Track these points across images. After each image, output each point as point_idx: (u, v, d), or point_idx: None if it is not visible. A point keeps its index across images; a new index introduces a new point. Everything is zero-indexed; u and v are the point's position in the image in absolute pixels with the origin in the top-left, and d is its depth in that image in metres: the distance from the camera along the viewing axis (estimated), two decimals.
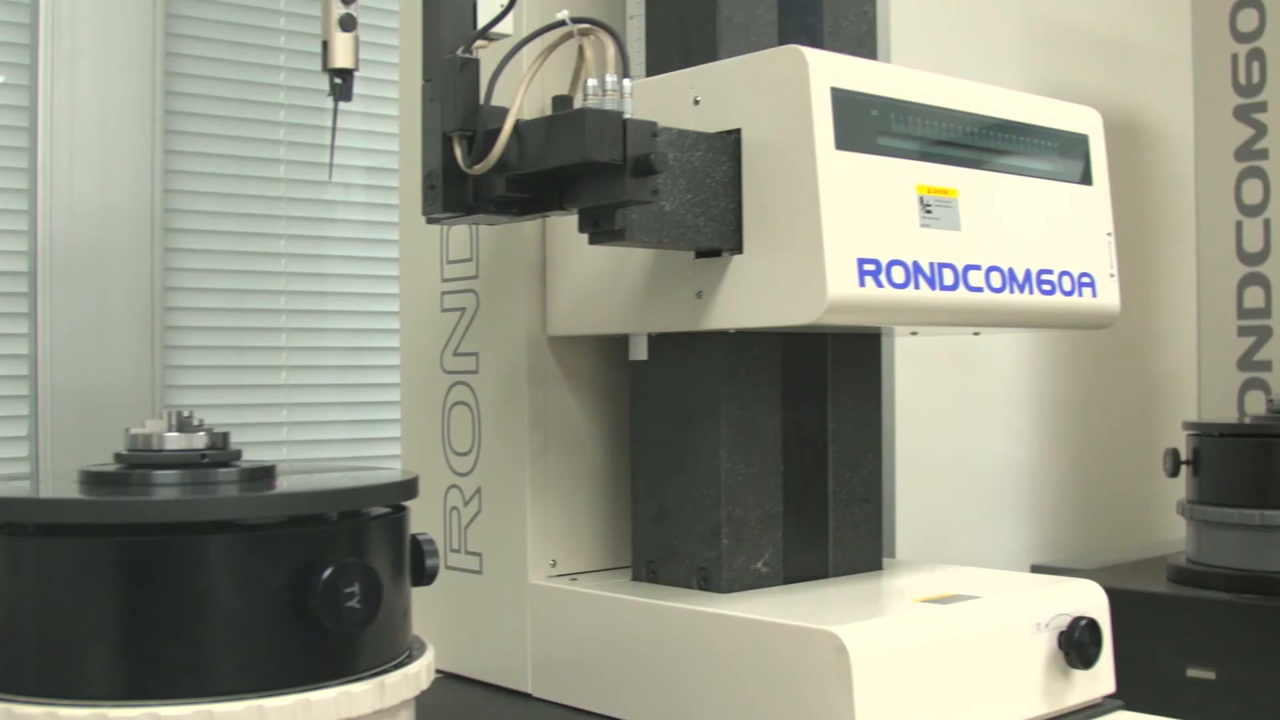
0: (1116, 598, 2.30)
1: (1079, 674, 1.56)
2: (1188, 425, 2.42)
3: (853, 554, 1.69)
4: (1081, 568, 2.58)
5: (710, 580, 1.57)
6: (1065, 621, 1.54)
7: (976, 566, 1.96)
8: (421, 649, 1.30)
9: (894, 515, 2.72)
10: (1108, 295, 1.65)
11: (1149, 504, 3.17)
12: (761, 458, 1.58)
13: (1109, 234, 1.66)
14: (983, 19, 3.03)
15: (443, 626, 1.77)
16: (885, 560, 1.75)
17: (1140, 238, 3.43)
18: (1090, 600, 1.60)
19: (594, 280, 1.61)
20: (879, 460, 1.71)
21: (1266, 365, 2.82)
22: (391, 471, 1.38)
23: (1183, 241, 3.22)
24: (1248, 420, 2.43)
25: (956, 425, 2.93)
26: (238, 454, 1.29)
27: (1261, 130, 2.87)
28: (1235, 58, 2.92)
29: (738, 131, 1.45)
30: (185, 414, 1.27)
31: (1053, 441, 3.16)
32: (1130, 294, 3.36)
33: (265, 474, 1.29)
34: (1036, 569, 2.70)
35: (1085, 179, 1.66)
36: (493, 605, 1.73)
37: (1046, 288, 1.56)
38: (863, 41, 1.71)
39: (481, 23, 1.42)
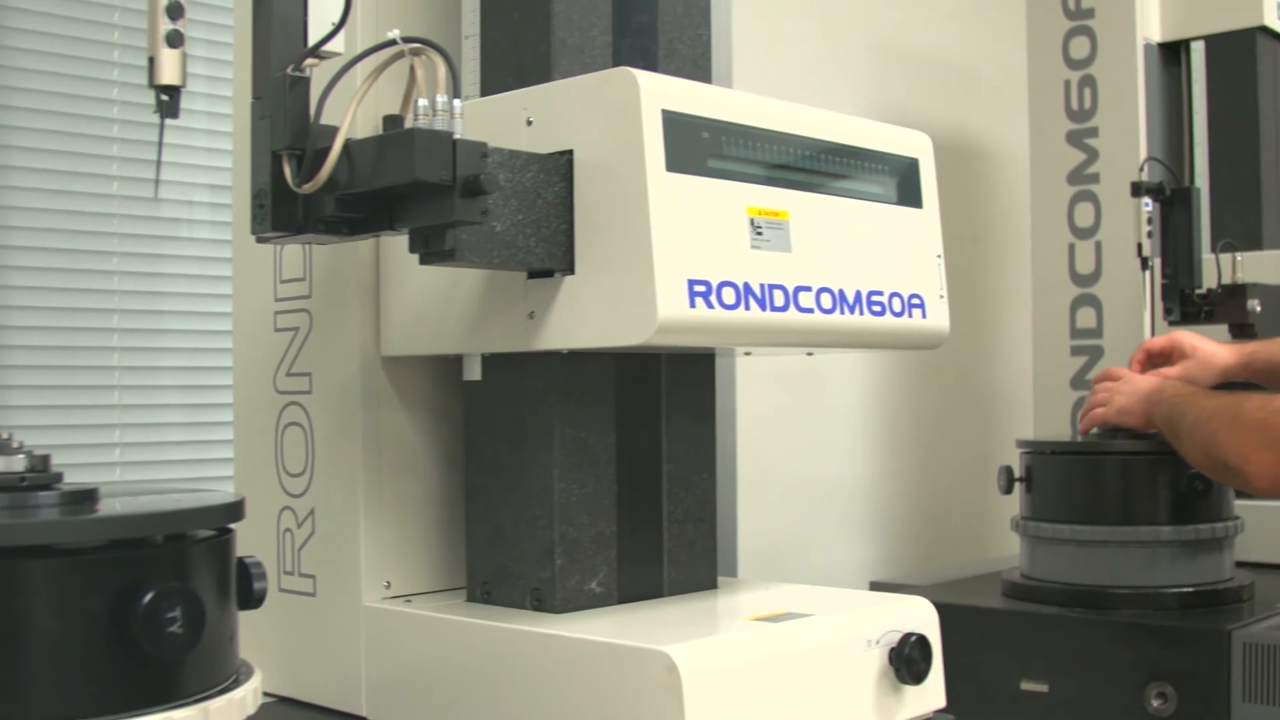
0: (952, 613, 2.34)
1: (910, 689, 1.58)
2: (1021, 443, 2.46)
3: (687, 573, 1.69)
4: (919, 584, 2.61)
5: (544, 601, 1.57)
6: (896, 638, 1.56)
7: (817, 584, 1.98)
8: (249, 673, 1.27)
9: (735, 534, 2.74)
10: (937, 316, 1.67)
11: (986, 520, 3.22)
12: (595, 478, 1.59)
13: (939, 256, 1.69)
14: (825, 45, 3.06)
15: (277, 650, 1.75)
16: (721, 579, 1.76)
17: (978, 259, 3.49)
18: (921, 617, 1.62)
19: (427, 300, 1.60)
20: (713, 479, 1.72)
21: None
22: (218, 493, 1.36)
23: (1019, 263, 3.28)
24: (1079, 438, 2.48)
25: (798, 444, 2.95)
26: (59, 476, 1.26)
27: (1093, 155, 2.94)
28: (1068, 84, 2.98)
29: (570, 152, 1.45)
30: (4, 436, 1.24)
31: (892, 459, 3.20)
32: (968, 314, 3.43)
33: (87, 497, 1.26)
34: (875, 586, 2.72)
35: (915, 202, 1.68)
36: (327, 628, 1.71)
37: (877, 309, 1.58)
38: (698, 64, 1.72)
39: (312, 40, 1.41)
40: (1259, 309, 2.54)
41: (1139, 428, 2.26)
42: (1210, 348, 2.37)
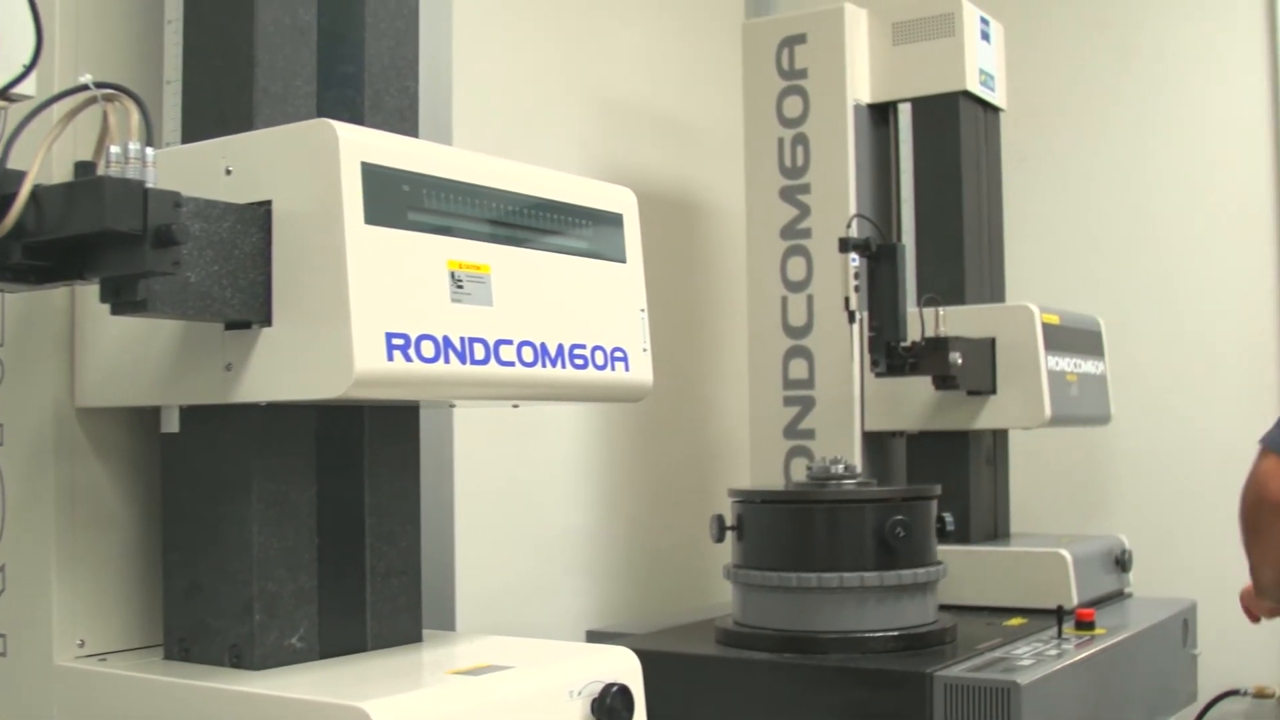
0: (667, 661, 2.38)
1: None
2: (733, 492, 2.51)
3: (391, 627, 1.68)
4: (636, 632, 2.64)
5: (243, 657, 1.54)
6: (598, 689, 1.57)
7: (537, 634, 1.98)
8: None
9: (454, 586, 2.73)
10: (640, 369, 1.69)
11: (704, 569, 3.27)
12: (296, 531, 1.57)
13: (642, 310, 1.71)
14: (545, 100, 3.09)
15: None
16: (429, 632, 1.75)
17: (698, 311, 3.55)
18: (623, 667, 1.63)
19: (124, 350, 1.56)
20: (418, 532, 1.72)
21: (810, 434, 2.95)
22: None
23: (737, 315, 3.35)
24: (791, 487, 2.54)
25: (518, 494, 2.96)
26: None
27: (805, 211, 3.01)
28: (781, 141, 3.06)
29: (269, 203, 1.43)
30: None
31: (612, 509, 3.23)
32: (687, 365, 3.49)
33: None
34: (592, 635, 2.74)
35: (619, 256, 1.70)
36: (17, 688, 1.65)
37: (579, 362, 1.60)
38: (405, 116, 1.72)
39: (1, 83, 1.37)
40: (960, 362, 2.63)
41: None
42: None
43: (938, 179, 3.05)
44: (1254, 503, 2.05)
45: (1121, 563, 2.96)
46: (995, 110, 3.17)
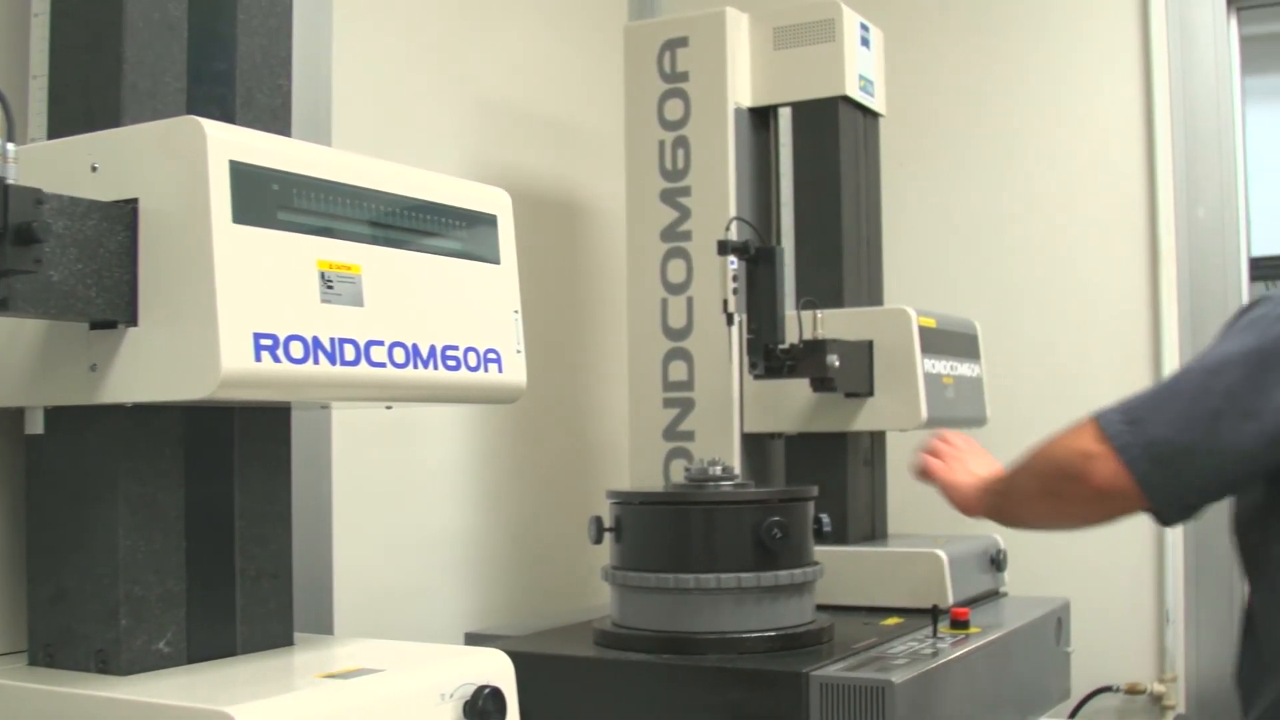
0: (545, 663, 2.38)
1: None
2: (611, 494, 2.51)
3: (262, 630, 1.67)
4: (514, 634, 2.63)
5: (109, 663, 1.52)
6: (470, 691, 1.56)
7: (416, 637, 1.97)
8: None
9: (331, 589, 2.70)
10: (514, 371, 1.69)
11: (585, 570, 3.26)
12: (163, 534, 1.55)
13: (516, 311, 1.71)
14: (425, 100, 3.07)
15: None
16: (301, 635, 1.74)
17: (578, 313, 3.55)
18: (495, 668, 1.63)
19: None
20: (289, 535, 1.70)
21: (689, 435, 2.96)
22: None
23: (617, 317, 3.35)
24: (670, 488, 2.54)
25: (397, 496, 2.94)
26: None
27: (685, 213, 3.02)
28: (663, 144, 3.06)
29: (135, 201, 1.42)
30: None
31: (492, 511, 3.22)
32: (567, 367, 3.49)
33: None
34: (471, 637, 2.73)
35: (493, 258, 1.70)
36: None
37: (452, 363, 1.59)
38: (278, 115, 1.71)
39: None
40: (838, 364, 2.65)
41: (960, 504, 2.18)
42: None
43: (817, 183, 3.07)
44: (1067, 475, 1.90)
45: (996, 562, 2.99)
46: (874, 115, 3.20)
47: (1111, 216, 3.53)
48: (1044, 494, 1.95)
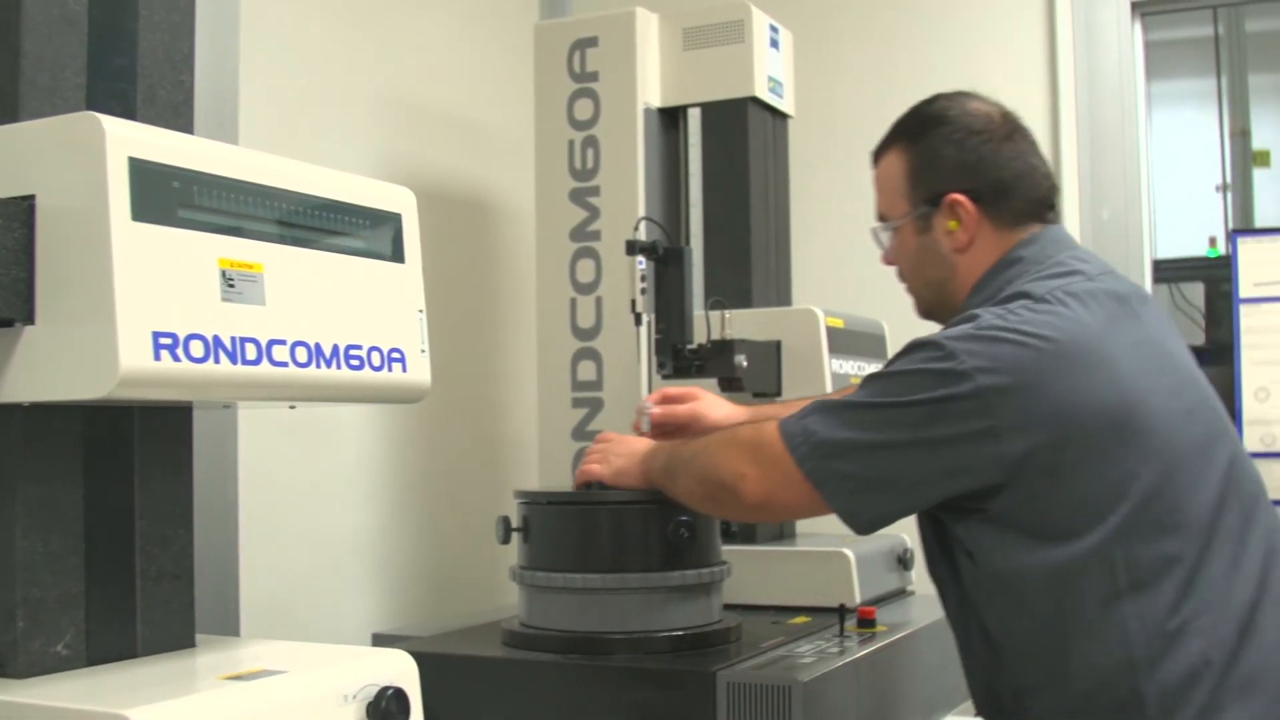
0: (453, 663, 2.37)
1: None
2: (519, 494, 2.50)
3: (163, 632, 1.65)
4: (422, 635, 2.62)
5: (6, 666, 1.49)
6: (373, 692, 1.55)
7: (324, 638, 1.96)
8: None
9: (237, 590, 2.69)
10: (418, 371, 1.69)
11: (494, 571, 3.26)
12: (62, 535, 1.52)
13: (421, 311, 1.70)
14: (334, 98, 3.06)
15: None
16: (204, 637, 1.72)
17: (487, 312, 3.55)
18: (399, 669, 1.62)
19: None
20: (190, 535, 1.68)
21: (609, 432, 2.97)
22: None
23: (526, 316, 3.35)
24: (578, 488, 2.54)
25: (305, 495, 2.92)
26: None
27: (594, 213, 3.03)
28: (572, 144, 3.06)
29: (33, 198, 1.40)
30: None
31: (401, 511, 3.21)
32: (476, 366, 3.48)
33: None
34: (378, 638, 2.72)
35: (397, 257, 1.69)
36: None
37: (355, 363, 1.59)
38: (179, 111, 1.69)
39: None
40: (745, 364, 2.66)
41: (637, 487, 2.34)
42: (716, 398, 2.53)
43: (726, 183, 3.08)
44: (724, 484, 2.12)
45: (904, 561, 3.02)
46: (783, 117, 3.22)
47: None
48: (705, 499, 2.21)
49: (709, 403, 2.50)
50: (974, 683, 2.12)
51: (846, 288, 3.53)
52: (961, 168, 2.15)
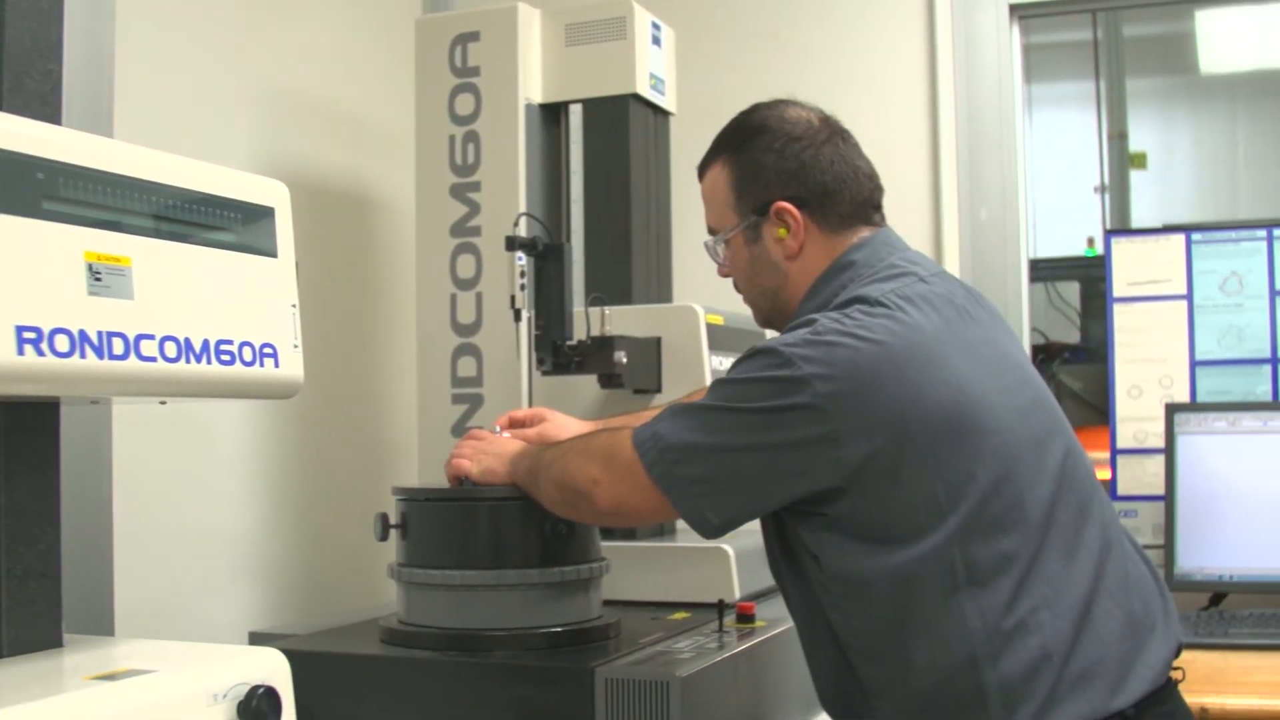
0: (330, 661, 2.35)
1: None
2: (397, 490, 2.49)
3: (29, 632, 1.62)
4: (300, 633, 2.59)
5: None
6: (244, 691, 1.54)
7: (201, 637, 1.93)
8: None
9: (112, 589, 2.64)
10: (291, 366, 1.67)
11: (374, 568, 3.24)
12: None
13: (294, 305, 1.69)
14: (213, 91, 3.02)
15: None
16: (72, 637, 1.70)
17: (368, 308, 3.52)
18: (271, 668, 1.61)
19: None
20: (58, 533, 1.66)
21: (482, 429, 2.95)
22: None
23: (407, 312, 3.33)
24: (457, 484, 2.53)
25: (182, 493, 2.88)
26: None
27: (475, 209, 3.01)
28: (453, 139, 3.05)
29: None
30: None
31: (280, 508, 3.17)
32: (357, 362, 3.46)
33: None
34: (255, 636, 2.69)
35: (269, 251, 1.68)
36: None
37: (226, 358, 1.57)
38: (47, 100, 1.66)
39: None
40: (625, 360, 2.66)
41: (503, 484, 2.36)
42: (565, 417, 2.55)
43: (607, 180, 3.08)
44: (578, 490, 2.17)
45: None
46: (665, 114, 3.23)
47: (897, 217, 3.55)
48: (562, 505, 2.24)
49: (557, 423, 2.52)
50: (821, 682, 2.14)
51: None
52: (784, 175, 2.18)
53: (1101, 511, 2.05)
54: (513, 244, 2.61)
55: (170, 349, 1.49)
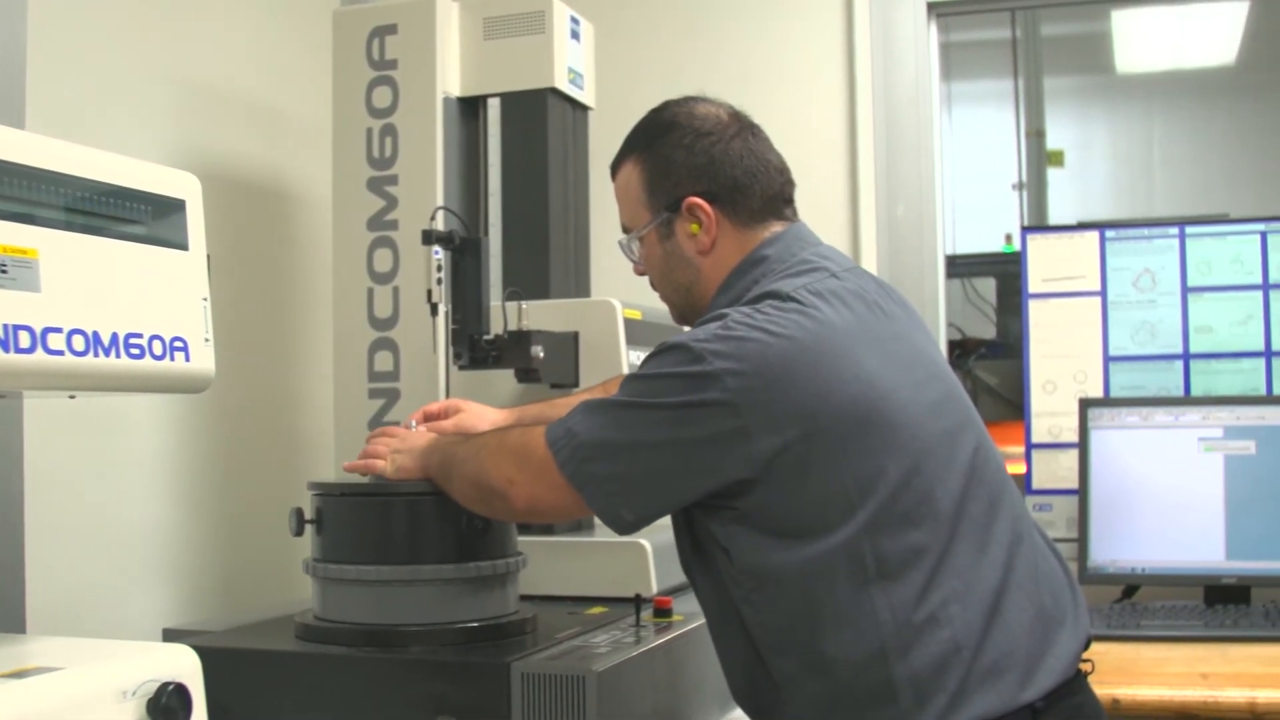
0: (244, 657, 2.34)
1: None
2: (312, 485, 2.47)
3: None
4: (214, 629, 2.58)
5: None
6: (154, 688, 1.53)
7: (115, 634, 1.91)
8: None
9: (23, 586, 2.61)
10: (202, 360, 1.66)
11: (291, 564, 3.22)
12: None
13: (205, 299, 1.68)
14: (127, 83, 2.99)
15: None
16: None
17: (284, 301, 3.49)
18: (181, 665, 1.60)
19: None
20: None
21: (395, 426, 2.94)
22: None
23: (323, 306, 3.31)
24: (373, 479, 2.52)
25: (93, 488, 2.85)
26: None
27: (393, 202, 3.00)
28: (370, 131, 3.03)
29: None
30: None
31: (194, 503, 3.15)
32: (272, 356, 3.43)
33: None
34: (169, 633, 2.67)
35: (180, 244, 1.67)
36: None
37: (135, 352, 1.56)
38: None
39: None
40: (542, 355, 2.66)
41: (418, 480, 2.36)
42: (481, 407, 2.55)
43: (525, 174, 3.08)
44: (493, 489, 2.18)
45: None
46: (584, 108, 3.23)
47: (814, 213, 3.57)
48: (475, 502, 2.26)
49: (474, 413, 2.53)
50: (733, 676, 2.16)
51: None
52: (694, 170, 2.19)
53: (1012, 505, 2.07)
54: (429, 238, 2.61)
55: (78, 342, 1.48)
